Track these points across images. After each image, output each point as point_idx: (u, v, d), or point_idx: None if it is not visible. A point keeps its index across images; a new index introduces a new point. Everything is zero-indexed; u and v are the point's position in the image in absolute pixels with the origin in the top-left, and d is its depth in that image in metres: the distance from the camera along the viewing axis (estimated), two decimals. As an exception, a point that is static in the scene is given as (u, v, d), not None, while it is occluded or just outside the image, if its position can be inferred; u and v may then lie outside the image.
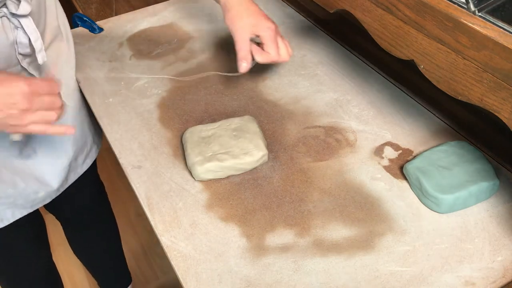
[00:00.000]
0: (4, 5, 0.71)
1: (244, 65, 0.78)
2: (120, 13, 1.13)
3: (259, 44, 0.79)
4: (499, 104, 0.51)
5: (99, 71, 0.96)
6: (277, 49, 0.78)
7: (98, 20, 1.10)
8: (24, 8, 0.71)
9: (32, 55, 0.79)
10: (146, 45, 1.02)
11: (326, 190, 0.73)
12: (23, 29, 0.73)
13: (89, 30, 1.06)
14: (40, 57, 0.77)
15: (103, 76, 0.95)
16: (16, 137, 0.69)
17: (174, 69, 0.96)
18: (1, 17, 0.70)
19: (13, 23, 0.72)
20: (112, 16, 1.13)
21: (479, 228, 0.67)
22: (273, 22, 0.80)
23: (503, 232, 0.66)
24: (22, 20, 0.72)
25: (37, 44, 0.75)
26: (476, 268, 0.63)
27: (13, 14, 0.71)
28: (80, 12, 1.16)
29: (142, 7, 1.14)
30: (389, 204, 0.71)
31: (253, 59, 0.79)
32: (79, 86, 0.93)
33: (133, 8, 1.16)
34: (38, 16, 0.79)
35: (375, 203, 0.71)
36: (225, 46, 1.01)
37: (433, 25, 0.54)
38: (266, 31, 0.77)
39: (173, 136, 0.82)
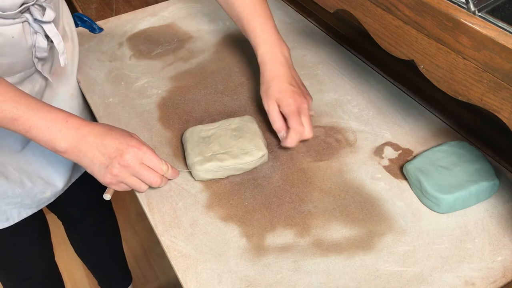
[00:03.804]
0: (27, 10, 0.71)
1: (281, 134, 0.77)
2: (120, 13, 1.13)
3: None
4: (499, 104, 0.51)
5: (99, 71, 0.96)
6: (298, 124, 0.74)
7: (98, 20, 1.10)
8: (49, 15, 0.72)
9: (46, 58, 0.79)
10: (146, 45, 1.02)
11: (326, 190, 0.73)
12: (43, 33, 0.74)
13: (89, 30, 1.06)
14: (62, 60, 0.78)
15: (103, 76, 0.95)
16: (108, 196, 0.72)
17: (174, 69, 0.96)
18: (22, 22, 0.70)
19: (33, 28, 0.73)
20: (112, 16, 1.13)
21: (479, 228, 0.67)
22: (296, 98, 0.76)
23: (503, 232, 0.66)
24: (45, 26, 0.73)
25: (60, 46, 0.77)
26: (476, 268, 0.63)
27: (36, 20, 0.72)
28: (80, 12, 1.16)
29: (142, 7, 1.14)
30: (389, 204, 0.71)
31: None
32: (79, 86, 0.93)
33: (133, 8, 1.16)
34: (56, 18, 0.79)
35: (375, 203, 0.71)
36: (225, 46, 1.02)
37: (433, 25, 0.54)
38: (286, 107, 0.75)
39: (173, 136, 0.82)
